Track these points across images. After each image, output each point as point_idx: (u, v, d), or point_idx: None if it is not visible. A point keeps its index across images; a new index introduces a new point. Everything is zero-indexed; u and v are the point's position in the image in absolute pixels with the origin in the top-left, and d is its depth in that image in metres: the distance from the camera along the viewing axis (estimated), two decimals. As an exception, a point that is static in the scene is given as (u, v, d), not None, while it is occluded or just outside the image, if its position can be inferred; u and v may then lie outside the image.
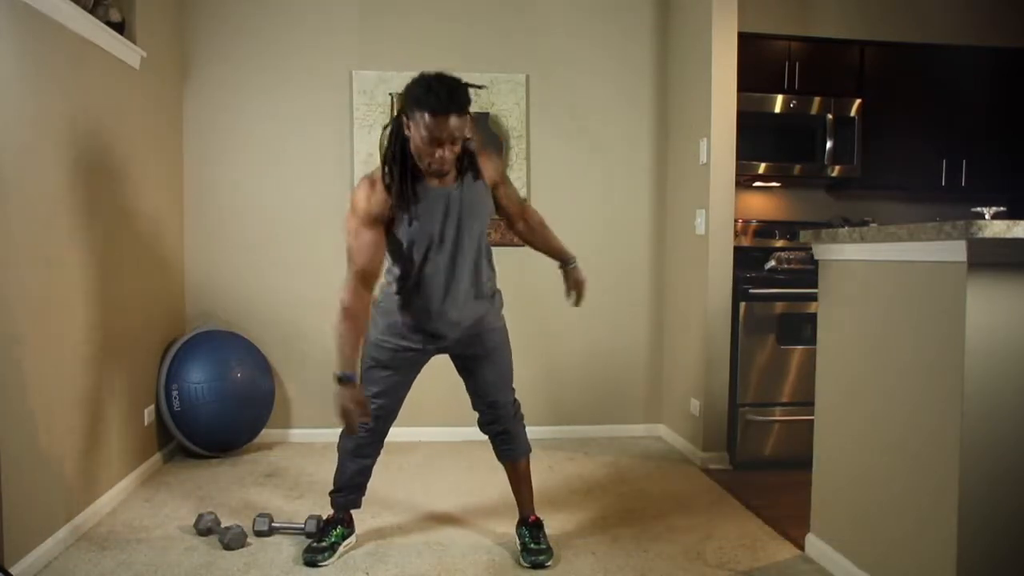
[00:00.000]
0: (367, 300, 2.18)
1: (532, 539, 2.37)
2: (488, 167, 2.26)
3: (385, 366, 2.31)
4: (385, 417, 2.37)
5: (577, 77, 3.89)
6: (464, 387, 2.42)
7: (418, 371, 2.39)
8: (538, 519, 2.45)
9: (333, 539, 2.38)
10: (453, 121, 2.00)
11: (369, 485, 2.47)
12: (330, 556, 2.34)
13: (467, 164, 2.19)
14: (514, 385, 2.44)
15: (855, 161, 3.73)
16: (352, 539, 2.47)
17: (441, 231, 2.16)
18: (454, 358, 2.40)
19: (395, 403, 2.38)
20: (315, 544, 2.36)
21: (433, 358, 2.39)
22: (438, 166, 2.07)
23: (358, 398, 2.12)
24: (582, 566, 2.32)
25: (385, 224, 2.14)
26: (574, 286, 2.47)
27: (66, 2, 2.41)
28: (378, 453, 2.45)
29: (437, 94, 2.01)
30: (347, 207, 2.19)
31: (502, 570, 2.30)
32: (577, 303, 2.49)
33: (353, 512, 2.50)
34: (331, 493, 2.47)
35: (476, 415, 2.44)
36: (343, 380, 2.09)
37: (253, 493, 2.97)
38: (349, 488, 2.45)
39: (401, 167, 2.11)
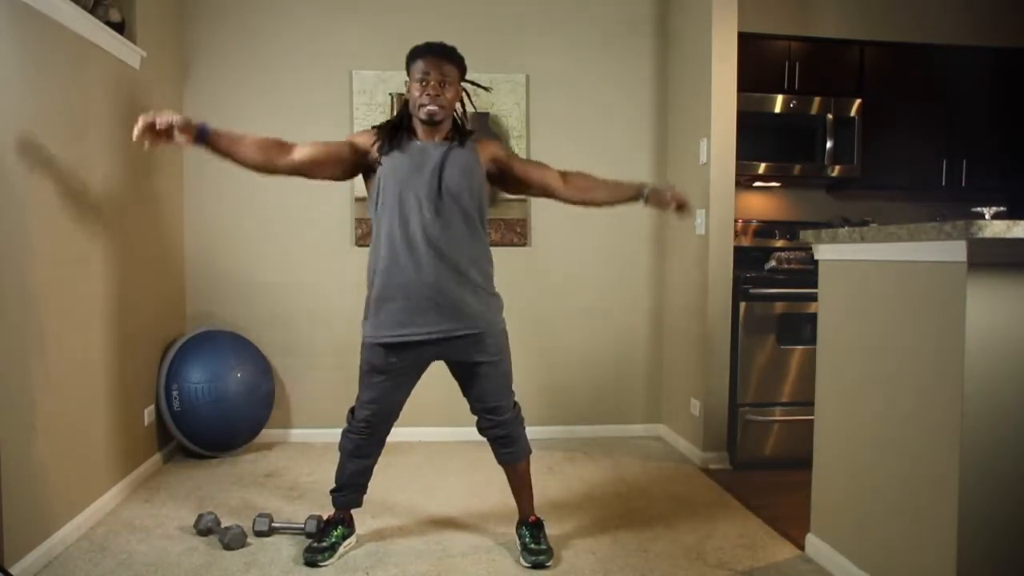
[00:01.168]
0: (276, 150, 2.24)
1: (532, 539, 2.37)
2: (488, 146, 2.36)
3: (379, 371, 2.29)
4: (382, 421, 2.37)
5: (577, 77, 3.89)
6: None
7: (415, 376, 2.36)
8: (538, 519, 2.45)
9: (333, 539, 2.38)
10: (441, 63, 2.22)
11: (370, 485, 2.47)
12: (330, 556, 2.34)
13: (461, 135, 2.30)
14: (513, 387, 2.43)
15: (855, 161, 3.73)
16: (352, 539, 2.47)
17: (414, 184, 2.20)
18: (451, 364, 2.34)
19: (391, 407, 2.36)
20: (315, 544, 2.36)
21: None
22: (430, 103, 2.21)
23: (174, 121, 2.13)
24: (582, 566, 2.32)
25: (364, 169, 2.33)
26: (671, 208, 2.38)
27: (66, 2, 2.41)
28: (378, 454, 2.45)
29: (429, 44, 2.25)
30: (348, 205, 2.21)
31: (502, 570, 2.30)
32: (682, 214, 2.42)
33: (354, 512, 2.51)
34: (332, 492, 2.47)
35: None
36: (196, 137, 2.18)
37: (253, 493, 2.97)
38: (349, 487, 2.45)
39: (397, 119, 2.33)
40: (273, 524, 2.52)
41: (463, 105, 2.37)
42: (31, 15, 2.25)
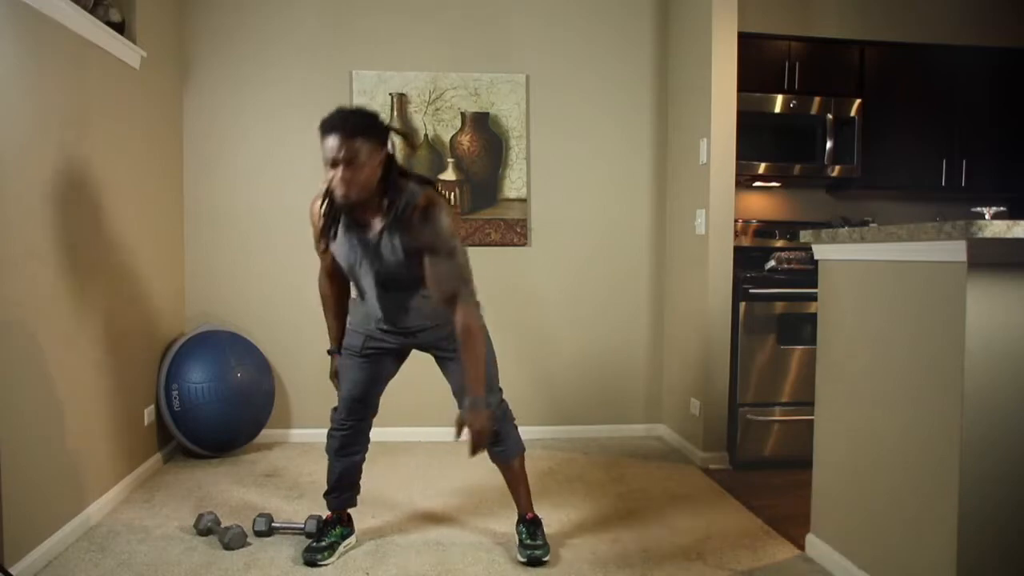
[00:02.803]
0: (336, 285, 2.44)
1: (529, 536, 2.38)
2: (410, 233, 2.10)
3: (355, 354, 2.36)
4: (359, 409, 2.38)
5: (577, 77, 3.89)
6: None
7: (392, 366, 2.41)
8: (535, 516, 2.45)
9: (332, 539, 2.39)
10: (338, 141, 2.00)
11: (370, 485, 2.47)
12: (330, 556, 2.34)
13: (389, 207, 2.11)
14: (501, 385, 2.40)
15: (855, 161, 3.73)
16: (352, 539, 2.47)
17: (358, 266, 2.22)
18: (432, 354, 2.40)
19: (367, 394, 2.37)
20: (314, 544, 2.36)
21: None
22: (338, 189, 2.03)
23: (335, 369, 2.45)
24: (582, 566, 2.32)
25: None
26: (457, 421, 2.09)
27: (66, 2, 2.41)
28: (364, 450, 2.47)
29: (331, 116, 2.05)
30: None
31: (502, 570, 2.30)
32: (472, 453, 2.10)
33: (352, 512, 2.51)
34: (325, 495, 2.47)
35: None
36: (329, 352, 2.50)
37: (253, 493, 2.97)
38: (340, 488, 2.46)
39: (330, 213, 2.18)
40: (273, 524, 2.52)
41: (388, 162, 2.12)
42: (31, 15, 2.25)
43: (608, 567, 2.32)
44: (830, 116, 3.69)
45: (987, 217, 2.04)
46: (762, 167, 3.67)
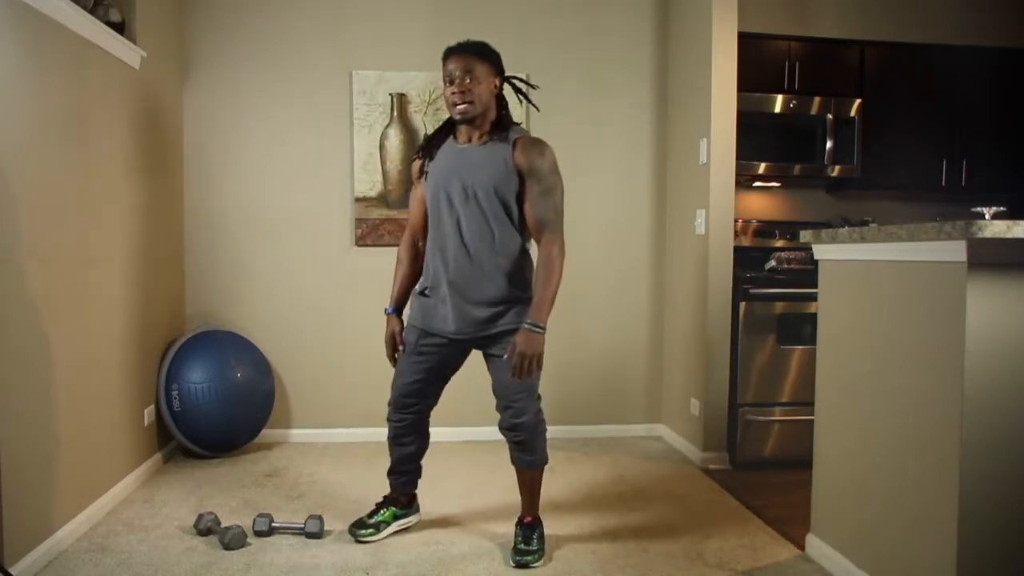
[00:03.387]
0: (414, 249, 2.48)
1: (523, 540, 2.36)
2: (525, 149, 2.25)
3: (411, 350, 2.41)
4: (410, 404, 2.45)
5: (577, 77, 3.89)
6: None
7: (449, 367, 2.44)
8: (532, 520, 2.41)
9: (381, 518, 2.51)
10: (466, 58, 2.21)
11: (370, 484, 2.48)
12: (374, 533, 2.47)
13: (499, 133, 2.28)
14: (536, 395, 2.34)
15: (855, 161, 3.73)
16: (411, 519, 2.59)
17: (448, 184, 2.28)
18: (483, 353, 2.39)
19: (419, 391, 2.44)
20: (364, 518, 2.51)
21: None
22: (457, 101, 2.21)
23: (392, 329, 2.44)
24: (582, 566, 2.32)
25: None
26: (511, 348, 2.18)
27: (66, 2, 2.40)
28: (415, 443, 2.54)
29: (457, 43, 2.27)
30: (348, 205, 2.23)
31: (501, 570, 2.30)
32: (513, 374, 2.17)
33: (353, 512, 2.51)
34: (387, 473, 2.59)
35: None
36: (386, 312, 2.48)
37: (253, 493, 2.97)
38: (397, 472, 2.57)
39: (437, 130, 2.39)
40: (273, 524, 2.52)
41: (501, 99, 2.34)
42: (31, 15, 2.25)
43: (608, 567, 2.32)
44: (830, 116, 3.69)
45: (987, 217, 2.04)
46: (762, 167, 3.67)
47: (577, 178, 3.92)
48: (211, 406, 3.25)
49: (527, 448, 2.36)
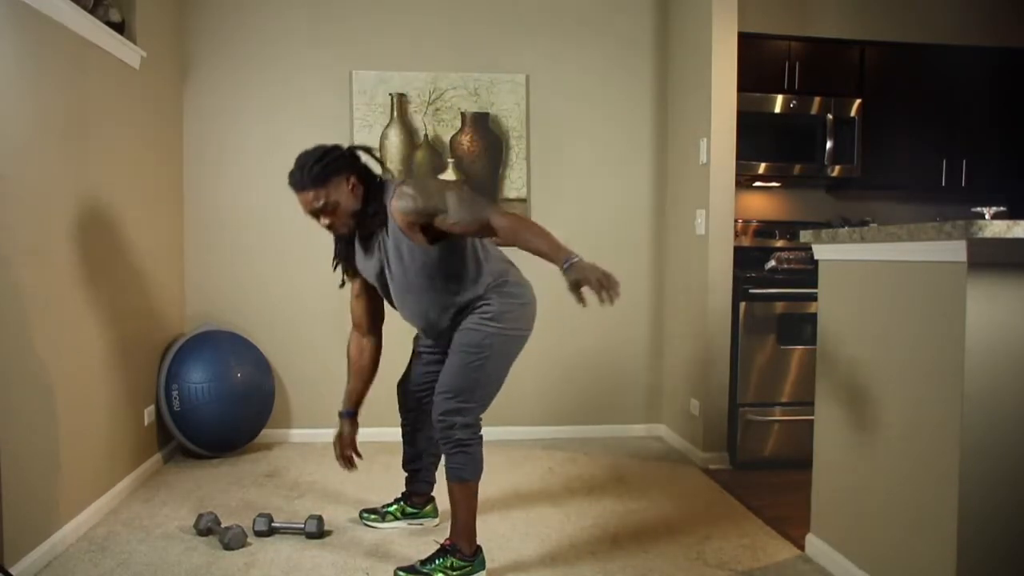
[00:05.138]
0: (360, 344, 2.48)
1: (426, 559, 2.22)
2: (399, 217, 2.12)
3: (415, 353, 2.57)
4: (407, 404, 2.56)
5: (577, 77, 3.89)
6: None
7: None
8: (443, 545, 2.23)
9: (388, 510, 2.61)
10: (310, 195, 2.11)
11: (370, 484, 2.48)
12: (377, 520, 2.59)
13: (380, 220, 2.17)
14: (465, 404, 2.19)
15: (855, 161, 3.73)
16: (420, 521, 2.62)
17: (381, 280, 2.29)
18: None
19: (415, 392, 2.56)
20: (377, 507, 2.63)
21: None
22: (332, 231, 2.21)
23: (341, 434, 2.51)
24: (582, 566, 2.32)
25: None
26: (571, 289, 1.99)
27: (66, 2, 2.41)
28: (418, 442, 2.59)
29: (291, 174, 2.14)
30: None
31: (501, 569, 2.30)
32: (602, 300, 1.97)
33: (353, 511, 2.51)
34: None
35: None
36: (340, 414, 2.53)
37: (253, 493, 2.97)
38: (405, 469, 2.64)
39: (337, 241, 2.33)
40: (273, 524, 2.52)
41: (366, 179, 2.18)
42: (31, 15, 2.25)
43: (608, 567, 2.32)
44: (830, 116, 3.69)
45: (987, 217, 2.04)
46: (762, 167, 3.67)
47: (577, 178, 3.93)
48: (211, 406, 3.25)
49: (448, 454, 2.22)
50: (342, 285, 2.39)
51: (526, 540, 2.52)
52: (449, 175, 3.82)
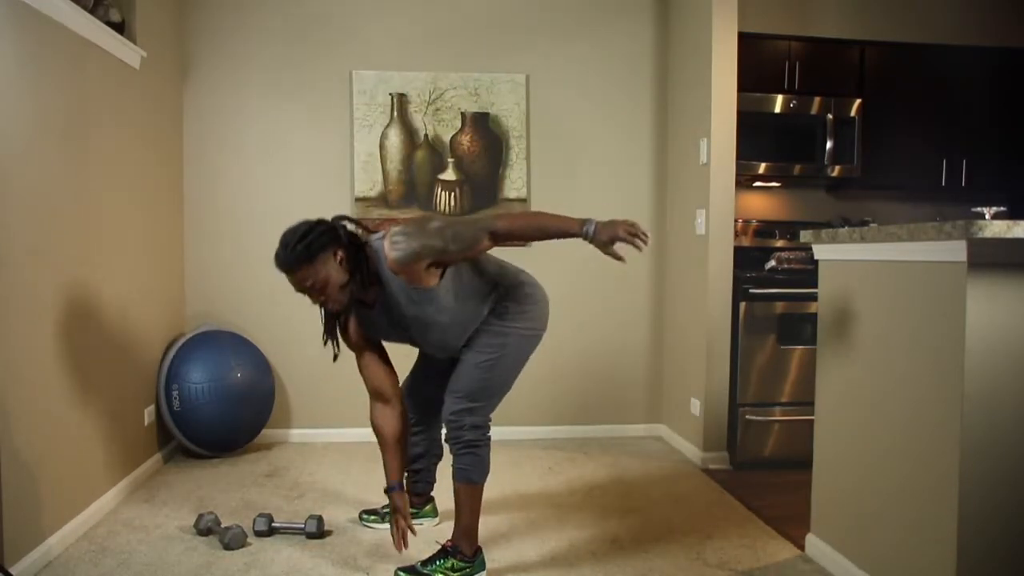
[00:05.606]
0: (385, 415, 2.33)
1: (426, 560, 2.22)
2: (401, 270, 2.07)
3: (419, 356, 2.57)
4: (412, 406, 2.52)
5: (577, 77, 3.89)
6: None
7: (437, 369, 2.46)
8: (445, 546, 2.24)
9: (388, 510, 2.50)
10: (298, 275, 2.08)
11: (370, 484, 2.48)
12: (377, 521, 2.60)
13: (375, 284, 2.14)
14: (476, 404, 2.20)
15: (855, 161, 3.73)
16: (420, 521, 2.60)
17: (404, 333, 2.26)
18: None
19: (418, 390, 2.57)
20: (377, 508, 2.64)
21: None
22: (328, 308, 2.17)
23: (395, 509, 2.29)
24: (582, 566, 2.32)
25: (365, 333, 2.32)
26: (605, 250, 2.04)
27: (66, 2, 2.41)
28: (421, 445, 2.60)
29: (276, 255, 2.12)
30: (348, 205, 2.22)
31: (501, 570, 2.30)
32: (638, 247, 2.03)
33: (354, 511, 2.51)
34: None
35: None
36: (386, 491, 2.33)
37: (253, 493, 2.97)
38: (408, 471, 2.60)
39: (327, 317, 2.32)
40: (273, 524, 2.52)
41: (354, 252, 2.11)
42: (31, 15, 2.25)
43: (608, 567, 2.32)
44: (830, 116, 3.69)
45: (987, 217, 2.04)
46: (762, 167, 3.67)
47: (577, 178, 3.93)
48: (211, 406, 3.25)
49: (458, 455, 2.22)
50: (335, 359, 2.30)
51: (526, 540, 2.52)
52: (449, 175, 3.82)
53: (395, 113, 3.77)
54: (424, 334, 2.21)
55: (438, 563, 2.19)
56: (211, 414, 3.27)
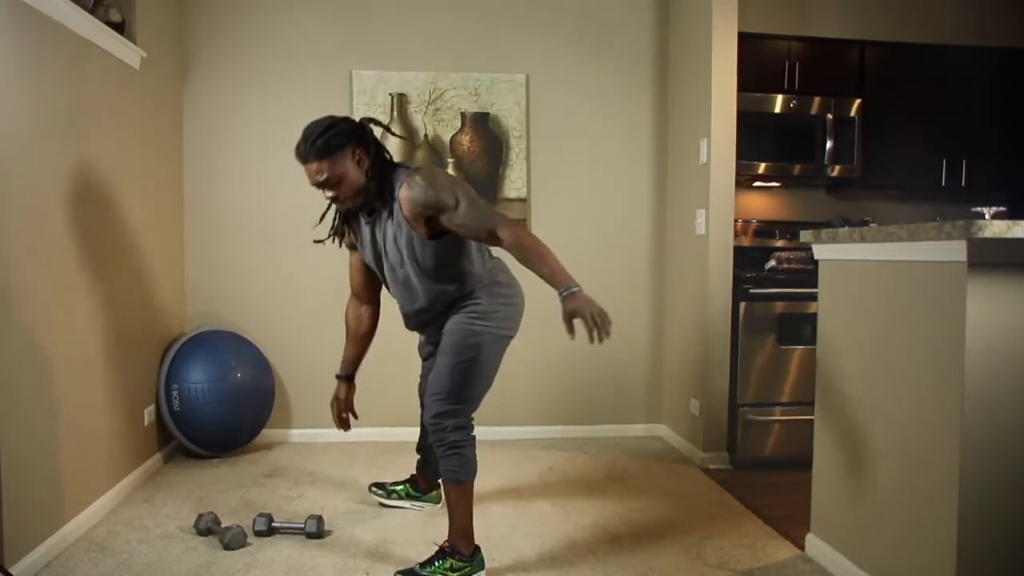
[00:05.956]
0: (358, 312, 2.53)
1: (424, 562, 2.21)
2: (406, 203, 2.11)
3: (422, 357, 2.67)
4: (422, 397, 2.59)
5: (577, 77, 3.89)
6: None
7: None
8: (443, 547, 2.23)
9: (396, 488, 2.76)
10: (313, 167, 2.09)
11: (368, 483, 2.47)
12: (383, 496, 2.75)
13: (384, 202, 2.17)
14: (456, 405, 2.19)
15: (855, 161, 3.73)
16: (421, 505, 2.75)
17: (378, 261, 2.31)
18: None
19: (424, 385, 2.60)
20: (387, 483, 2.78)
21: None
22: (337, 204, 2.20)
23: (338, 397, 2.57)
24: (582, 566, 2.32)
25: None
26: (564, 318, 2.07)
27: (66, 2, 2.41)
28: (425, 434, 2.63)
29: (297, 146, 2.11)
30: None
31: (501, 570, 2.30)
32: (592, 339, 2.06)
33: (354, 512, 2.52)
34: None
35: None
36: (336, 377, 2.59)
37: (253, 493, 2.97)
38: (419, 453, 2.77)
39: (337, 213, 2.35)
40: (273, 524, 2.52)
41: (376, 153, 2.15)
42: (31, 15, 2.25)
43: (608, 566, 2.32)
44: (830, 116, 3.69)
45: (987, 217, 2.04)
46: (762, 167, 3.67)
47: (577, 178, 3.93)
48: (211, 406, 3.25)
49: (442, 456, 2.21)
50: (322, 242, 2.37)
51: (526, 540, 2.52)
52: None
53: (395, 113, 3.77)
54: (395, 279, 2.28)
55: (436, 564, 2.19)
56: (211, 414, 3.27)
